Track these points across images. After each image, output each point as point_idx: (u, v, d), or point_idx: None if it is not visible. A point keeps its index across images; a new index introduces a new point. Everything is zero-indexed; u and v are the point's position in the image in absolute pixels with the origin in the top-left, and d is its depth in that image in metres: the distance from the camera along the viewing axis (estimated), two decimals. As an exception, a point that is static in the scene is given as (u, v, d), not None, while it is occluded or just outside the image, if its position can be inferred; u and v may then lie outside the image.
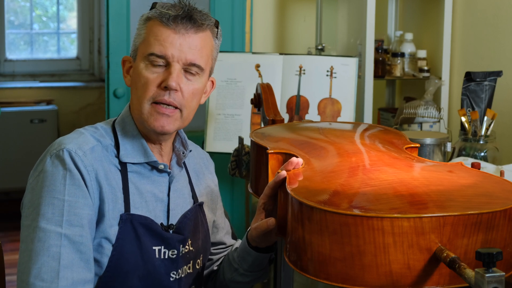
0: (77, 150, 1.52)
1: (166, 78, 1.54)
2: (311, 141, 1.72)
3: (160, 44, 1.54)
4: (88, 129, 1.61)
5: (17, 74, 5.71)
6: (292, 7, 3.63)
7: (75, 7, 5.88)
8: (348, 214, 1.23)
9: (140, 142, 1.60)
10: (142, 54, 1.56)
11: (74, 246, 1.46)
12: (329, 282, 1.27)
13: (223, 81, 2.84)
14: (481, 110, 2.57)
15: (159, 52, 1.54)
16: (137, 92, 1.57)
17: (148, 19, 1.57)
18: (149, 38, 1.55)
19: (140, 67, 1.56)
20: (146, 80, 1.55)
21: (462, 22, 3.11)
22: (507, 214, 1.27)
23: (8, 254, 4.09)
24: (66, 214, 1.47)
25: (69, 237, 1.46)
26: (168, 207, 1.63)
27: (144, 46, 1.56)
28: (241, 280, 1.72)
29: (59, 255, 1.44)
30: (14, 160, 5.24)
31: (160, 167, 1.62)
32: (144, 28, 1.58)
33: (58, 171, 1.50)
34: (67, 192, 1.48)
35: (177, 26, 1.54)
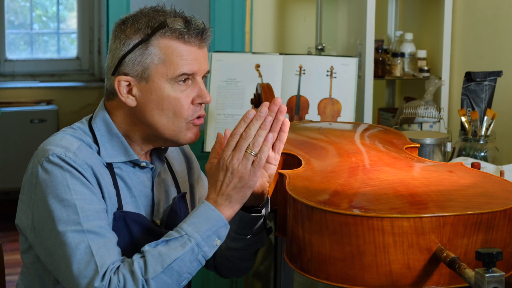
0: (66, 152, 1.51)
1: (200, 95, 1.57)
2: (311, 141, 1.72)
3: (188, 63, 1.55)
4: (66, 130, 1.60)
5: (17, 74, 5.71)
6: (292, 7, 3.63)
7: (75, 7, 5.87)
8: (348, 214, 1.23)
9: (119, 141, 1.60)
10: (166, 75, 1.54)
11: (100, 236, 1.47)
12: (329, 282, 1.27)
13: (223, 81, 2.84)
14: (481, 110, 2.57)
15: (190, 71, 1.55)
16: (165, 113, 1.56)
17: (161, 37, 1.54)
18: (172, 58, 1.54)
19: (166, 89, 1.55)
20: (179, 100, 1.56)
21: (462, 22, 3.11)
22: (507, 214, 1.27)
23: (8, 254, 4.09)
24: (80, 211, 1.47)
25: (91, 231, 1.46)
26: (153, 202, 1.64)
27: (166, 67, 1.54)
28: (234, 246, 1.68)
29: (90, 248, 1.45)
30: (14, 160, 5.24)
31: (142, 165, 1.62)
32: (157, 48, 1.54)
33: (56, 175, 1.49)
34: (73, 191, 1.48)
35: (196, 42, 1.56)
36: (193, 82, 1.57)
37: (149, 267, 1.42)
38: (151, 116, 1.57)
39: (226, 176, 1.47)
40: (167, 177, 1.71)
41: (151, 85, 1.55)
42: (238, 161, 1.46)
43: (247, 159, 1.45)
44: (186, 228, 1.46)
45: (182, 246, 1.44)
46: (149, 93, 1.56)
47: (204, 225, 1.46)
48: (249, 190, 1.48)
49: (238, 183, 1.47)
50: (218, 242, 1.48)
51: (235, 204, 1.49)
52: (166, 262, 1.43)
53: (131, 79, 1.56)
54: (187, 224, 1.47)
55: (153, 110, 1.56)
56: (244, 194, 1.48)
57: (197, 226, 1.46)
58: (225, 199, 1.48)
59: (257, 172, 1.46)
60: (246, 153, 1.45)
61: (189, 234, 1.45)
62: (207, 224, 1.46)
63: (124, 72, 1.56)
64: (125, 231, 1.56)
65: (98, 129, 1.60)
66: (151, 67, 1.55)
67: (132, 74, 1.56)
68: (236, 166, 1.46)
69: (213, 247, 1.47)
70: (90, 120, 1.63)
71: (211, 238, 1.46)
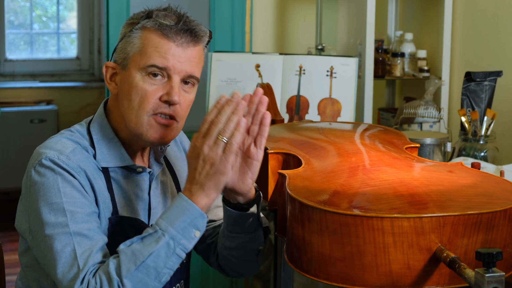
0: (59, 155, 1.51)
1: (168, 92, 1.53)
2: (311, 141, 1.72)
3: (161, 56, 1.52)
4: (64, 133, 1.60)
5: (17, 74, 5.71)
6: (292, 7, 3.63)
7: (75, 7, 5.87)
8: (348, 214, 1.23)
9: (116, 146, 1.59)
10: (139, 65, 1.53)
11: (87, 239, 1.46)
12: (329, 282, 1.27)
13: (223, 81, 2.84)
14: (481, 110, 2.57)
15: (161, 64, 1.52)
16: (131, 104, 1.54)
17: (143, 28, 1.54)
18: (147, 49, 1.53)
19: (136, 78, 1.53)
20: (145, 92, 1.53)
21: (462, 22, 3.11)
22: (507, 214, 1.27)
23: (8, 254, 4.09)
24: (69, 214, 1.46)
25: (78, 232, 1.45)
26: (149, 205, 1.63)
27: (140, 57, 1.53)
28: (229, 245, 1.66)
29: (75, 252, 1.44)
30: (14, 160, 5.24)
31: (138, 170, 1.61)
32: (138, 37, 1.54)
33: (48, 178, 1.49)
34: (63, 195, 1.48)
35: (179, 39, 1.53)
36: (168, 80, 1.54)
37: (123, 266, 1.40)
38: (122, 105, 1.56)
39: (198, 163, 1.45)
40: (166, 179, 1.70)
41: (127, 73, 1.55)
42: (209, 147, 1.43)
43: (217, 145, 1.42)
44: (161, 223, 1.43)
45: (156, 241, 1.42)
46: (124, 81, 1.56)
47: (178, 217, 1.43)
48: (223, 177, 1.44)
49: (210, 170, 1.43)
50: (197, 233, 1.44)
51: (210, 193, 1.45)
52: (139, 260, 1.40)
53: (116, 66, 1.58)
54: (162, 218, 1.44)
55: (124, 100, 1.56)
56: (218, 181, 1.44)
57: (171, 219, 1.43)
58: (199, 188, 1.45)
59: (229, 157, 1.43)
60: (217, 139, 1.42)
61: (163, 229, 1.42)
62: (181, 216, 1.43)
63: (114, 59, 1.59)
64: (122, 237, 1.55)
65: (96, 133, 1.60)
66: (130, 55, 1.55)
67: (117, 61, 1.58)
68: (206, 152, 1.43)
69: (192, 238, 1.44)
70: (90, 122, 1.63)
71: (188, 230, 1.43)
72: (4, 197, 5.32)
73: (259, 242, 1.66)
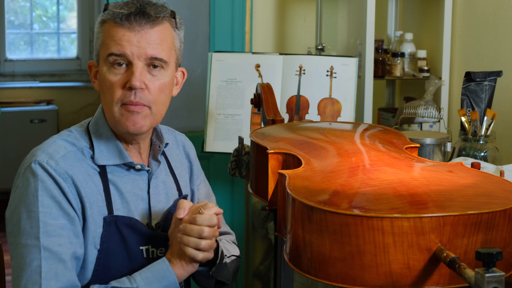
0: (48, 160, 1.51)
1: (129, 78, 1.52)
2: (311, 141, 1.72)
3: (116, 43, 1.51)
4: (63, 134, 1.60)
5: (17, 74, 5.71)
6: (292, 7, 3.63)
7: (75, 7, 5.88)
8: (348, 214, 1.23)
9: (114, 144, 1.59)
10: (103, 57, 1.54)
11: (55, 256, 1.46)
12: (329, 282, 1.27)
13: (223, 81, 2.84)
14: (481, 110, 2.57)
15: (117, 51, 1.51)
16: (105, 96, 1.55)
17: (103, 21, 1.55)
18: (106, 40, 1.53)
19: (103, 71, 1.54)
20: (110, 83, 1.53)
21: (462, 22, 3.11)
22: (507, 214, 1.27)
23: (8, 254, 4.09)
24: (42, 225, 1.47)
25: (48, 248, 1.46)
26: (149, 204, 1.63)
27: (103, 49, 1.54)
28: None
29: (40, 268, 1.44)
30: (14, 160, 5.24)
31: (137, 167, 1.61)
32: (101, 32, 1.55)
33: (30, 184, 1.49)
34: (40, 204, 1.48)
35: (131, 24, 1.52)
36: (130, 67, 1.53)
37: None
38: (102, 100, 1.59)
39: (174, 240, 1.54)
40: (168, 180, 1.70)
41: (99, 68, 1.57)
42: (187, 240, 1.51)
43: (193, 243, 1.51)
44: (139, 282, 1.50)
45: None
46: (99, 76, 1.58)
47: (156, 283, 1.50)
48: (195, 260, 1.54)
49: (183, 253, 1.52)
50: None
51: (187, 268, 1.54)
52: None
53: (94, 63, 1.60)
54: (141, 277, 1.51)
55: (101, 95, 1.58)
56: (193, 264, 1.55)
57: (150, 283, 1.50)
58: (177, 258, 1.53)
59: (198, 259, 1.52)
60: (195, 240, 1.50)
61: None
62: (160, 284, 1.51)
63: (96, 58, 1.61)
64: (117, 235, 1.55)
65: (94, 132, 1.60)
66: (98, 50, 1.57)
67: (95, 58, 1.60)
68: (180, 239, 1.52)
69: None
70: (89, 122, 1.64)
71: None
72: (4, 197, 5.32)
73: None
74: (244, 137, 2.66)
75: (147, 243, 1.58)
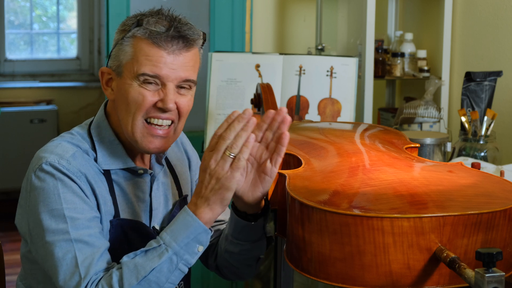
0: (59, 160, 1.50)
1: (163, 99, 1.52)
2: (311, 141, 1.72)
3: (152, 64, 1.51)
4: (65, 136, 1.59)
5: (17, 74, 5.71)
6: (292, 7, 3.63)
7: (75, 7, 5.87)
8: (348, 214, 1.23)
9: (117, 148, 1.59)
10: (131, 73, 1.52)
11: (88, 245, 1.45)
12: (329, 282, 1.27)
13: (223, 81, 2.84)
14: (481, 110, 2.57)
15: (152, 72, 1.51)
16: (128, 109, 1.54)
17: (135, 36, 1.53)
18: (138, 57, 1.52)
19: (131, 85, 1.53)
20: (141, 97, 1.52)
21: (462, 22, 3.11)
22: (507, 214, 1.27)
23: (8, 254, 4.09)
24: (69, 220, 1.46)
25: (79, 239, 1.45)
26: (151, 207, 1.63)
27: (132, 65, 1.52)
28: (231, 250, 1.67)
29: (76, 259, 1.44)
30: (14, 160, 5.24)
31: (140, 172, 1.61)
32: (130, 45, 1.53)
33: (48, 184, 1.49)
34: (64, 200, 1.47)
35: (170, 47, 1.51)
36: (162, 87, 1.53)
37: (125, 279, 1.40)
38: (120, 110, 1.56)
39: (205, 177, 1.44)
40: (167, 180, 1.70)
41: (123, 80, 1.55)
42: (216, 162, 1.42)
43: (224, 160, 1.41)
44: (165, 237, 1.44)
45: (159, 256, 1.42)
46: (120, 88, 1.55)
47: (182, 232, 1.43)
48: (228, 193, 1.44)
49: (215, 185, 1.43)
50: (200, 248, 1.45)
51: (214, 207, 1.45)
52: (141, 274, 1.40)
53: (111, 72, 1.58)
54: (166, 232, 1.45)
55: (122, 105, 1.56)
56: (223, 196, 1.44)
57: (175, 234, 1.44)
58: (204, 201, 1.45)
59: (235, 174, 1.42)
60: (224, 154, 1.42)
61: (166, 243, 1.43)
62: (185, 232, 1.43)
63: (109, 65, 1.59)
64: (123, 239, 1.55)
65: (97, 135, 1.60)
66: (123, 63, 1.54)
67: (112, 67, 1.58)
68: (213, 167, 1.42)
69: (195, 253, 1.45)
70: (90, 124, 1.63)
71: (191, 245, 1.44)
72: (4, 197, 5.32)
73: (261, 251, 1.67)
74: (244, 137, 2.65)
75: None
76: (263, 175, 1.51)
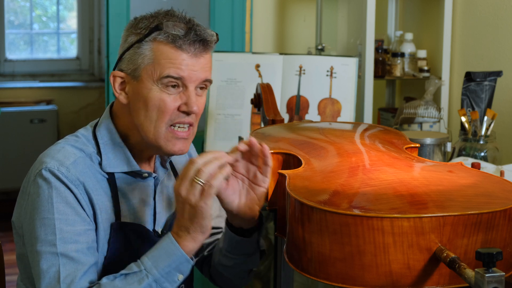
0: (59, 167, 1.50)
1: (186, 102, 1.53)
2: (311, 141, 1.72)
3: (176, 67, 1.51)
4: (69, 139, 1.58)
5: (17, 74, 5.71)
6: (292, 7, 3.63)
7: (75, 7, 5.88)
8: (348, 214, 1.23)
9: (122, 151, 1.58)
10: (153, 77, 1.52)
11: (72, 262, 1.45)
12: (329, 282, 1.27)
13: (223, 81, 2.84)
14: (481, 110, 2.57)
15: (176, 74, 1.51)
16: (148, 114, 1.53)
17: (155, 40, 1.53)
18: (160, 61, 1.52)
19: (152, 89, 1.52)
20: (163, 103, 1.52)
21: (462, 22, 3.11)
22: (507, 214, 1.27)
23: (8, 254, 4.09)
24: (58, 232, 1.46)
25: (65, 254, 1.45)
26: (155, 210, 1.63)
27: (154, 68, 1.52)
28: (225, 263, 1.68)
29: (59, 274, 1.44)
30: (14, 160, 5.24)
31: (144, 175, 1.61)
32: (150, 49, 1.53)
33: (43, 191, 1.48)
34: (56, 211, 1.47)
35: (192, 50, 1.52)
36: (184, 90, 1.54)
37: None
38: (138, 115, 1.55)
39: (179, 206, 1.44)
40: (170, 184, 1.70)
41: (141, 84, 1.54)
42: (186, 189, 1.42)
43: (193, 187, 1.40)
44: (146, 263, 1.43)
45: (138, 281, 1.42)
46: (138, 92, 1.55)
47: (164, 260, 1.43)
48: (205, 220, 1.43)
49: (190, 213, 1.42)
50: (180, 277, 1.44)
51: (196, 236, 1.44)
52: None
53: (125, 76, 1.57)
54: (148, 258, 1.44)
55: (140, 110, 1.55)
56: (200, 224, 1.43)
57: (157, 261, 1.43)
58: (184, 231, 1.44)
59: (207, 201, 1.41)
60: (192, 180, 1.41)
61: (147, 270, 1.42)
62: (167, 260, 1.43)
63: (120, 68, 1.57)
64: (124, 242, 1.55)
65: (102, 138, 1.59)
66: (142, 66, 1.53)
67: (126, 71, 1.56)
68: (184, 194, 1.42)
69: (175, 282, 1.44)
70: (95, 127, 1.62)
71: (172, 274, 1.43)
72: (4, 197, 5.32)
73: (254, 264, 1.69)
74: (244, 137, 2.65)
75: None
76: (257, 187, 1.54)
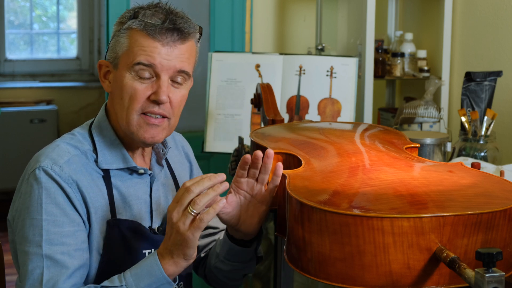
0: (52, 166, 1.50)
1: (156, 91, 1.52)
2: (311, 141, 1.72)
3: (147, 54, 1.51)
4: (65, 138, 1.59)
5: (17, 74, 5.71)
6: (292, 7, 3.63)
7: (75, 7, 5.88)
8: (348, 214, 1.23)
9: (118, 148, 1.59)
10: (127, 64, 1.52)
11: (58, 264, 1.45)
12: (329, 282, 1.27)
13: (223, 81, 2.84)
14: (481, 110, 2.57)
15: (147, 61, 1.51)
16: (122, 102, 1.54)
17: (130, 28, 1.53)
18: (133, 48, 1.52)
19: (125, 77, 1.53)
20: (134, 91, 1.52)
21: (462, 22, 3.11)
22: (507, 214, 1.27)
23: (8, 254, 4.09)
24: (45, 233, 1.46)
25: (50, 256, 1.45)
26: (151, 208, 1.63)
27: (127, 56, 1.53)
28: (222, 268, 1.68)
29: (42, 276, 1.44)
30: (14, 160, 5.24)
31: (140, 172, 1.61)
32: (126, 37, 1.53)
33: (33, 191, 1.49)
34: (44, 211, 1.47)
35: (164, 39, 1.51)
36: (157, 79, 1.52)
37: None
38: (115, 104, 1.56)
39: (168, 229, 1.43)
40: (168, 182, 1.70)
41: (118, 72, 1.55)
42: (178, 215, 1.40)
43: (185, 216, 1.39)
44: (128, 279, 1.44)
45: None
46: (116, 79, 1.56)
47: (145, 279, 1.43)
48: (189, 250, 1.42)
49: (176, 239, 1.41)
50: None
51: (178, 261, 1.44)
52: None
53: (109, 65, 1.58)
54: (131, 274, 1.44)
55: (116, 99, 1.56)
56: (184, 252, 1.42)
57: (139, 278, 1.43)
58: (168, 254, 1.44)
59: (195, 233, 1.39)
60: (186, 209, 1.39)
61: (128, 286, 1.43)
62: (149, 279, 1.43)
63: (107, 57, 1.59)
64: (120, 239, 1.55)
65: (97, 135, 1.59)
66: (119, 55, 1.55)
67: (109, 59, 1.58)
68: (174, 220, 1.40)
69: None
70: (91, 124, 1.63)
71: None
72: (4, 197, 5.32)
73: (251, 270, 1.70)
74: (244, 137, 2.66)
75: (150, 246, 1.58)
76: (259, 205, 1.55)
